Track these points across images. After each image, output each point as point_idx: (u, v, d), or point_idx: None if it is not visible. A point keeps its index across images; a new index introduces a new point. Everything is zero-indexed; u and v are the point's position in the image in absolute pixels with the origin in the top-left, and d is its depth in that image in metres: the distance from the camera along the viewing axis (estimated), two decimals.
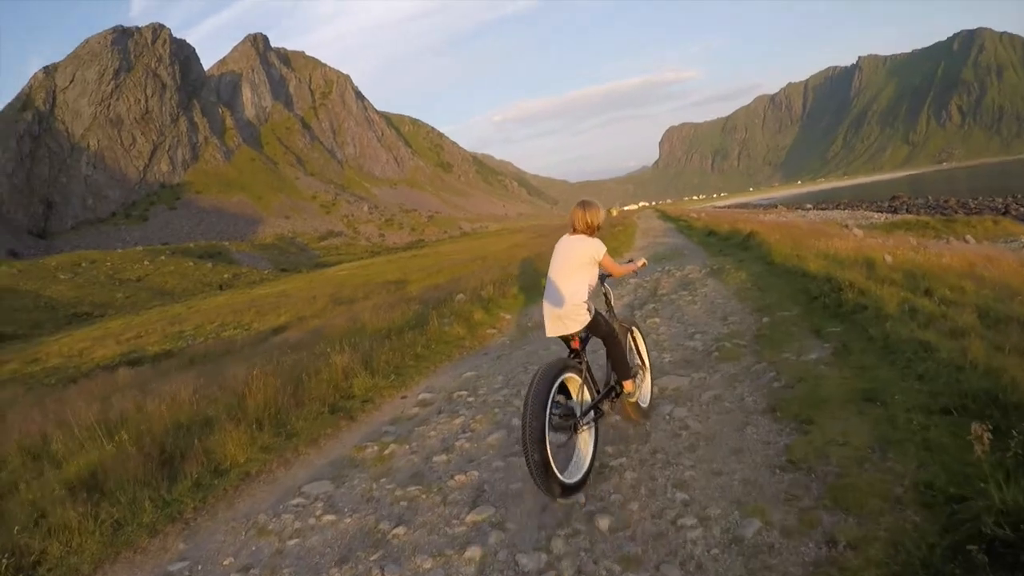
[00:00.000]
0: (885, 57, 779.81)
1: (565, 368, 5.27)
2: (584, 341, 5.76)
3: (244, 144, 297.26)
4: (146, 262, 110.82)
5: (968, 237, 32.89)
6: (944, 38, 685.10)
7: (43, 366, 34.50)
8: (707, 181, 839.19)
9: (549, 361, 5.27)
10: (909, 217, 51.00)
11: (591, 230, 5.73)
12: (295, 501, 5.84)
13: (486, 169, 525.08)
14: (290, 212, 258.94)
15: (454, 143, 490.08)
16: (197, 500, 6.04)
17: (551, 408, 4.99)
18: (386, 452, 6.75)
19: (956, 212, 60.01)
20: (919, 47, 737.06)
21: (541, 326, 6.07)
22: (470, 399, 8.28)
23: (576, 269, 5.61)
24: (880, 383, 6.06)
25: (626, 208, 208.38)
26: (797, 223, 38.90)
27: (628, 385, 5.90)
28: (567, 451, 5.34)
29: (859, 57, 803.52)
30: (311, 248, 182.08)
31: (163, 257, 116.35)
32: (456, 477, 5.84)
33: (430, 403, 8.36)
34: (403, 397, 8.86)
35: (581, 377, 5.50)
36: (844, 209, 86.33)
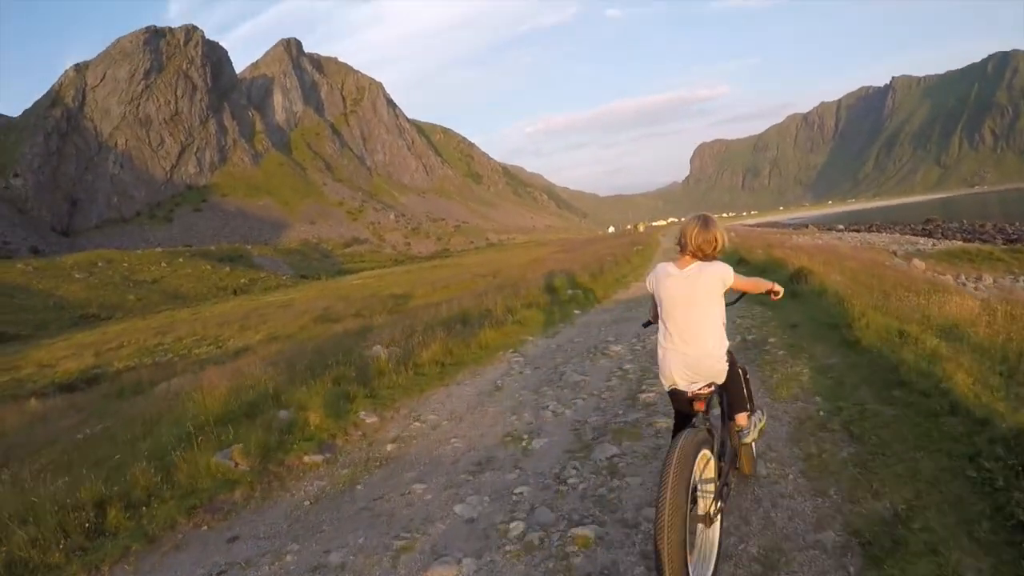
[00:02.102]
0: (919, 78, 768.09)
1: (703, 442, 4.24)
2: (710, 401, 4.65)
3: (273, 148, 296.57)
4: (163, 263, 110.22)
5: None
6: (978, 60, 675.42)
7: (13, 376, 32.39)
8: (737, 198, 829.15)
9: (684, 434, 4.17)
10: (968, 246, 45.88)
11: (712, 255, 4.59)
12: None
13: (516, 181, 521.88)
14: (316, 218, 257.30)
15: (484, 153, 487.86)
16: None
17: (691, 495, 3.98)
18: None
19: (995, 238, 56.78)
20: (953, 68, 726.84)
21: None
22: None
23: (710, 304, 4.55)
24: None
25: (654, 224, 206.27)
26: (837, 248, 36.43)
27: (742, 419, 4.92)
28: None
29: (892, 78, 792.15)
30: (335, 255, 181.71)
31: (181, 259, 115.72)
32: None
33: None
34: None
35: (712, 450, 4.39)
36: (880, 232, 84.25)
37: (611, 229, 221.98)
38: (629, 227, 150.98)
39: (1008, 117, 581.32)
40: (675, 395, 4.68)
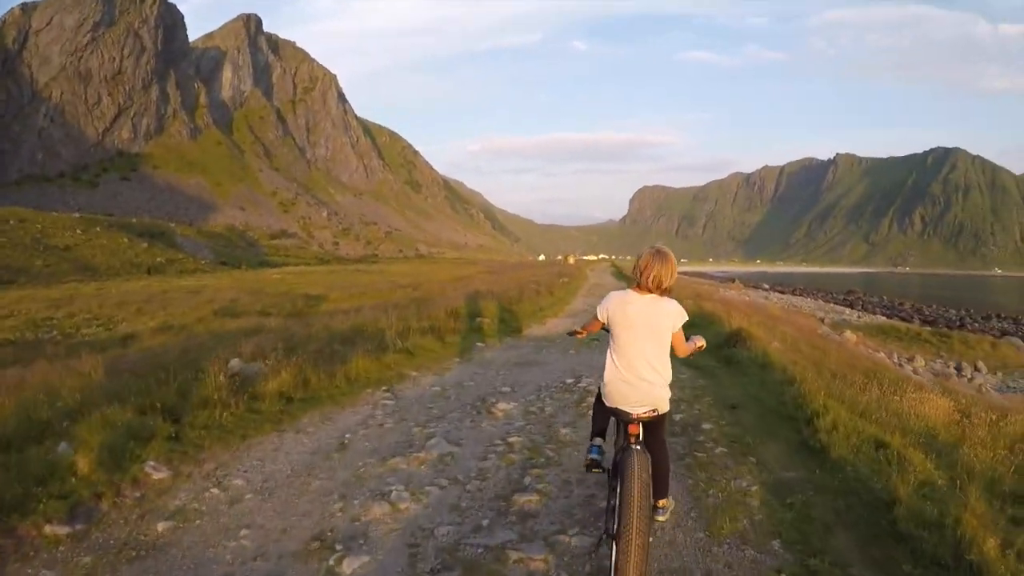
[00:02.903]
0: (861, 158, 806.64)
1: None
2: (646, 428, 4.80)
3: (213, 125, 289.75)
4: (79, 231, 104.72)
5: (980, 365, 28.84)
6: (920, 151, 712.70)
7: None
8: (670, 244, 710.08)
9: (632, 452, 4.48)
10: (897, 324, 46.37)
11: (668, 290, 4.85)
12: None
13: (455, 195, 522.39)
14: (247, 204, 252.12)
15: (427, 163, 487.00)
16: None
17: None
18: None
19: (912, 317, 59.14)
20: (896, 155, 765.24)
21: None
22: None
23: (663, 336, 4.83)
24: None
25: (584, 258, 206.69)
26: (767, 307, 36.36)
27: (666, 502, 5.14)
28: None
29: (836, 153, 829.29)
30: (260, 245, 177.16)
31: (99, 229, 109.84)
32: None
33: None
34: None
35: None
36: (805, 296, 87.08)
37: (541, 257, 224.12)
38: (560, 257, 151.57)
39: (939, 207, 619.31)
40: (607, 412, 5.03)
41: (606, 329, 5.05)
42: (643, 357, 4.73)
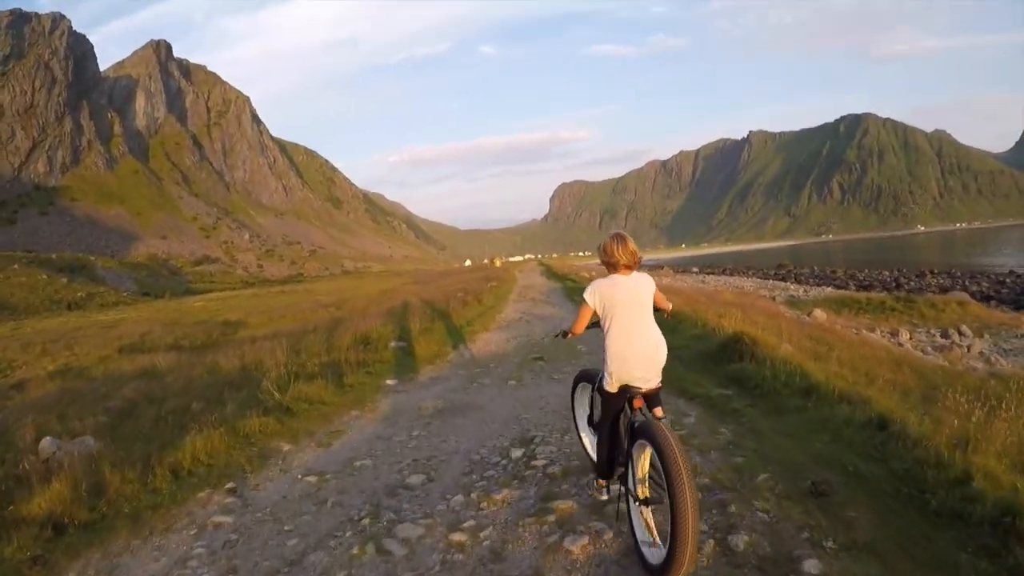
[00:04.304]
0: (775, 133, 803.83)
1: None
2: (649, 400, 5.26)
3: (129, 154, 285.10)
4: None
5: (964, 329, 26.00)
6: (831, 120, 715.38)
7: None
8: (594, 238, 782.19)
9: (650, 421, 4.88)
10: (855, 294, 40.85)
11: (636, 264, 5.33)
12: None
13: (376, 208, 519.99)
14: (168, 232, 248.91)
15: (346, 179, 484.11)
16: None
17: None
18: None
19: (847, 284, 58.25)
20: (808, 127, 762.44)
21: None
22: None
23: (650, 304, 5.33)
24: None
25: (511, 259, 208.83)
26: (714, 293, 34.87)
27: (659, 411, 5.34)
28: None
29: (750, 131, 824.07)
30: (183, 272, 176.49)
31: (16, 266, 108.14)
32: None
33: None
34: None
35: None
36: (737, 276, 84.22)
37: (467, 262, 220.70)
38: (486, 261, 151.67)
39: (856, 173, 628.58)
40: (620, 395, 5.21)
41: (594, 324, 5.38)
42: (647, 327, 5.21)
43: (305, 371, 12.27)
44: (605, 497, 5.64)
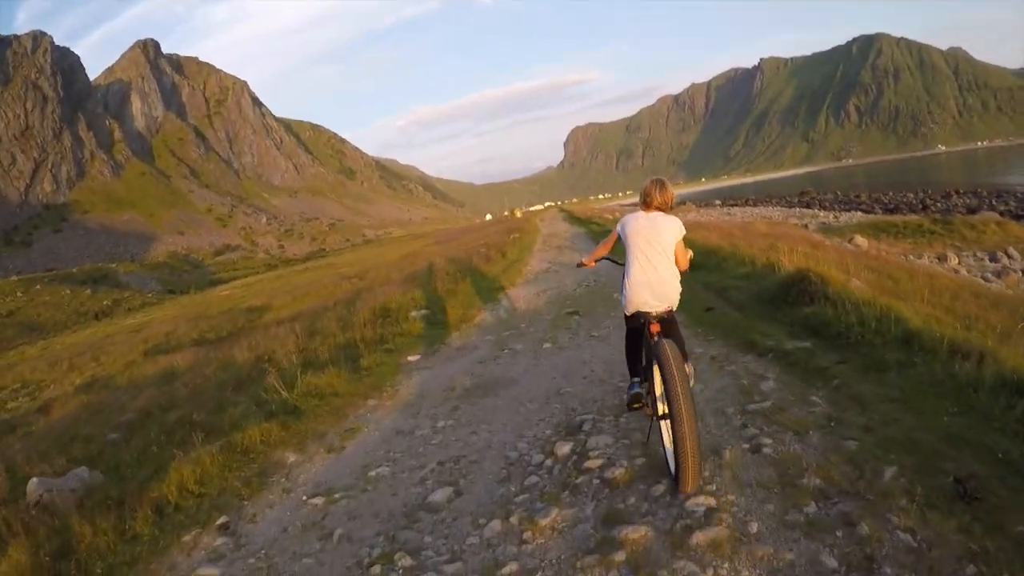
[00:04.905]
0: (786, 59, 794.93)
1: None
2: (663, 325, 5.67)
3: (134, 157, 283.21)
4: (19, 293, 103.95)
5: (1012, 251, 25.49)
6: (843, 42, 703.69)
7: None
8: (612, 180, 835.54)
9: (663, 343, 5.10)
10: (891, 218, 39.63)
11: (668, 208, 5.92)
12: None
13: (390, 174, 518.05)
14: (184, 227, 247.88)
15: (356, 148, 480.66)
16: None
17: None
18: None
19: (873, 208, 57.27)
20: (819, 51, 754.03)
21: None
22: None
23: (668, 246, 5.76)
24: None
25: (531, 209, 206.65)
26: (748, 225, 33.62)
27: (689, 367, 5.74)
28: None
29: (761, 59, 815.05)
30: (206, 264, 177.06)
31: (39, 286, 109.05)
32: None
33: None
34: None
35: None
36: (762, 206, 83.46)
37: (488, 216, 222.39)
38: (506, 213, 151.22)
39: (872, 95, 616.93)
40: (635, 317, 5.76)
41: (610, 258, 6.46)
42: (656, 257, 5.66)
43: (317, 358, 11.28)
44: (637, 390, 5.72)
